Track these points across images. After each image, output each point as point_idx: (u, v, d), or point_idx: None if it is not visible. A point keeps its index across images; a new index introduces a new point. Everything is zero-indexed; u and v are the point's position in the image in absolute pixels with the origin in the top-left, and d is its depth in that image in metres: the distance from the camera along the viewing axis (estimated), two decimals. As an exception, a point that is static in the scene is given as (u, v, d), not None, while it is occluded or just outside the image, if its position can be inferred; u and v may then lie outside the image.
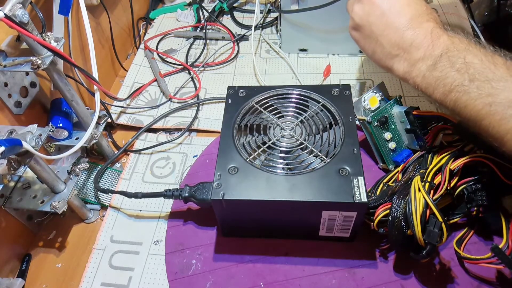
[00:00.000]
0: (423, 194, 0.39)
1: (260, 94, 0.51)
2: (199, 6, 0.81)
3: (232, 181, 0.42)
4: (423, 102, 0.62)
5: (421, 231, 0.38)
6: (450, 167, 0.41)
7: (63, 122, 0.51)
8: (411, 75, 0.40)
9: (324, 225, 0.44)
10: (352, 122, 0.46)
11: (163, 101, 0.67)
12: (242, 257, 0.47)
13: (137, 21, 0.81)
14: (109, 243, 0.51)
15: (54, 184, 0.46)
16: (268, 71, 0.70)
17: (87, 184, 0.57)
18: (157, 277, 0.47)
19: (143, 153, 0.60)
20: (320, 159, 0.44)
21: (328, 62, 0.71)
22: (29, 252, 0.52)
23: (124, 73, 0.72)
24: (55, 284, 0.49)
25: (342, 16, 0.64)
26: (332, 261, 0.46)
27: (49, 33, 0.42)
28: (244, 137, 0.47)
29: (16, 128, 0.42)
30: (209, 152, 0.59)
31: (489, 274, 0.43)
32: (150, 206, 0.54)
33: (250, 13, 0.82)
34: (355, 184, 0.40)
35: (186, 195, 0.47)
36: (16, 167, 0.40)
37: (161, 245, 0.50)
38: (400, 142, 0.51)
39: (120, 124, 0.64)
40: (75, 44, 0.59)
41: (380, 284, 0.44)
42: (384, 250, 0.46)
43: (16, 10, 0.38)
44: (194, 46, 0.77)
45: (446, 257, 0.45)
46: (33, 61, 0.42)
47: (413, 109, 0.47)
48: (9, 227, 0.49)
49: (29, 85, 0.50)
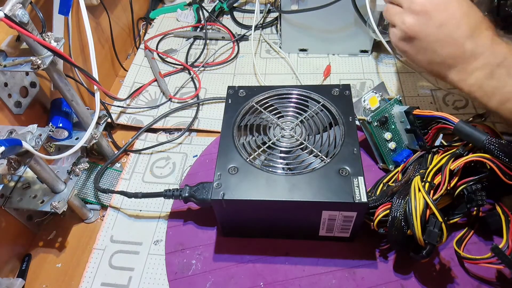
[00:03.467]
0: (423, 194, 0.39)
1: (260, 94, 0.51)
2: (199, 6, 0.81)
3: (232, 181, 0.42)
4: (423, 102, 0.62)
5: (421, 231, 0.38)
6: (450, 167, 0.41)
7: (63, 122, 0.51)
8: (466, 83, 0.40)
9: (324, 225, 0.44)
10: (352, 122, 0.46)
11: (163, 101, 0.67)
12: (242, 257, 0.47)
13: (137, 21, 0.81)
14: (109, 243, 0.51)
15: (54, 184, 0.46)
16: (268, 71, 0.70)
17: (87, 184, 0.57)
18: (157, 277, 0.47)
19: (143, 153, 0.60)
20: (320, 159, 0.44)
21: (328, 62, 0.71)
22: (29, 252, 0.52)
23: (124, 73, 0.72)
24: (55, 284, 0.49)
25: (342, 16, 0.64)
26: (332, 261, 0.46)
27: (49, 33, 0.42)
28: (244, 137, 0.47)
29: (16, 128, 0.42)
30: (209, 152, 0.59)
31: (489, 274, 0.43)
32: (150, 206, 0.54)
33: (250, 13, 0.82)
34: (355, 184, 0.40)
35: (186, 195, 0.47)
36: (16, 167, 0.40)
37: (161, 245, 0.50)
38: (400, 142, 0.51)
39: (120, 124, 0.64)
40: (75, 44, 0.59)
41: (380, 284, 0.44)
42: (384, 250, 0.46)
43: (16, 10, 0.38)
44: (194, 46, 0.77)
45: (446, 257, 0.45)
46: (33, 61, 0.42)
47: (413, 109, 0.47)
48: (9, 227, 0.49)
49: (29, 85, 0.50)
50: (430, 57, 0.42)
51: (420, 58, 0.43)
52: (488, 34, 0.39)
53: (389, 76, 0.67)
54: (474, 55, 0.39)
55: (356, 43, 0.69)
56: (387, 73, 0.68)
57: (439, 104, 0.61)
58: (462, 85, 0.41)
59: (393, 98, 0.51)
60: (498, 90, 0.37)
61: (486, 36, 0.39)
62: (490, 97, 0.38)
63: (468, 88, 0.40)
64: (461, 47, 0.39)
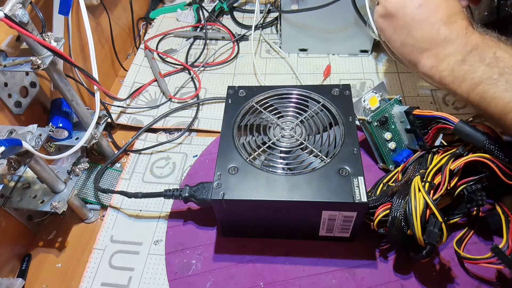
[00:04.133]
0: (423, 194, 0.39)
1: (260, 94, 0.51)
2: (199, 6, 0.81)
3: (232, 181, 0.42)
4: (423, 102, 0.62)
5: (421, 231, 0.38)
6: (450, 167, 0.41)
7: (63, 122, 0.51)
8: (438, 69, 0.40)
9: (324, 225, 0.44)
10: (352, 122, 0.46)
11: (163, 101, 0.67)
12: (242, 257, 0.47)
13: (137, 21, 0.81)
14: (109, 243, 0.51)
15: (54, 184, 0.46)
16: (268, 71, 0.70)
17: (87, 184, 0.57)
18: (157, 277, 0.47)
19: (143, 153, 0.60)
20: (320, 159, 0.44)
21: (328, 62, 0.71)
22: (29, 252, 0.52)
23: (124, 73, 0.72)
24: (55, 284, 0.49)
25: (342, 16, 0.64)
26: (332, 261, 0.46)
27: (49, 33, 0.42)
28: (244, 137, 0.47)
29: (16, 128, 0.42)
30: (209, 152, 0.59)
31: (489, 274, 0.43)
32: (150, 206, 0.54)
33: (250, 13, 0.82)
34: (355, 184, 0.40)
35: (186, 195, 0.47)
36: (16, 167, 0.40)
37: (161, 245, 0.50)
38: (400, 142, 0.51)
39: (120, 124, 0.64)
40: (75, 44, 0.59)
41: (380, 284, 0.44)
42: (384, 250, 0.46)
43: (16, 10, 0.38)
44: (194, 46, 0.77)
45: (446, 257, 0.45)
46: (33, 61, 0.42)
47: (413, 109, 0.47)
48: (9, 227, 0.49)
49: (29, 85, 0.50)
50: (404, 39, 0.42)
51: (395, 38, 0.44)
52: (463, 23, 0.39)
53: (389, 76, 0.67)
54: (447, 41, 0.39)
55: (356, 43, 0.69)
56: (387, 73, 0.68)
57: (439, 104, 0.62)
58: (434, 72, 0.41)
59: (393, 98, 0.51)
60: (469, 74, 0.37)
61: (461, 25, 0.39)
62: (461, 82, 0.38)
63: (439, 74, 0.40)
64: (435, 32, 0.40)
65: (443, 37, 0.40)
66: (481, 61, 0.37)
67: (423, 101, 0.62)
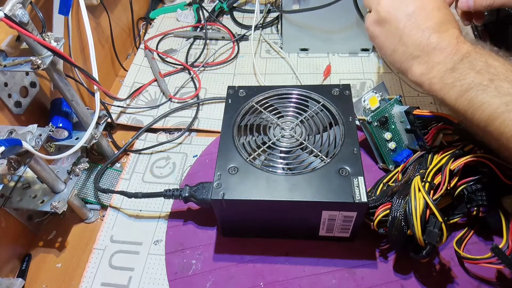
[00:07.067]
0: (423, 194, 0.39)
1: (260, 94, 0.51)
2: (199, 6, 0.81)
3: (232, 181, 0.42)
4: (423, 102, 0.62)
5: (421, 231, 0.38)
6: (450, 167, 0.41)
7: (63, 122, 0.51)
8: (427, 77, 0.40)
9: (324, 225, 0.44)
10: (352, 122, 0.46)
11: (163, 101, 0.67)
12: (242, 257, 0.47)
13: (137, 21, 0.81)
14: (109, 243, 0.51)
15: (54, 184, 0.46)
16: (268, 71, 0.70)
17: (87, 184, 0.57)
18: (157, 277, 0.47)
19: (143, 153, 0.60)
20: (320, 159, 0.44)
21: (328, 62, 0.70)
22: (29, 252, 0.52)
23: (124, 73, 0.72)
24: (55, 284, 0.49)
25: (343, 16, 0.64)
26: (332, 261, 0.46)
27: (49, 33, 0.42)
28: (244, 137, 0.47)
29: (16, 128, 0.42)
30: (209, 152, 0.59)
31: (489, 274, 0.43)
32: (150, 206, 0.54)
33: (250, 13, 0.82)
34: (355, 184, 0.40)
35: (186, 195, 0.47)
36: (16, 167, 0.40)
37: (161, 245, 0.50)
38: (400, 142, 0.51)
39: (120, 124, 0.64)
40: (75, 44, 0.59)
41: (380, 284, 0.44)
42: (384, 250, 0.46)
43: (16, 10, 0.38)
44: (194, 46, 0.77)
45: (446, 257, 0.45)
46: (33, 61, 0.42)
47: (413, 109, 0.47)
48: (9, 227, 0.49)
49: (29, 85, 0.50)
50: (396, 45, 0.42)
51: (387, 45, 0.44)
52: (454, 32, 0.39)
53: (389, 76, 0.67)
54: (438, 49, 0.39)
55: (357, 42, 0.69)
56: (387, 73, 0.68)
57: (439, 104, 0.61)
58: (423, 79, 0.40)
59: (393, 98, 0.51)
60: (459, 81, 0.37)
61: (452, 34, 0.39)
62: (450, 89, 0.38)
63: (429, 81, 0.40)
64: (426, 39, 0.40)
65: (434, 45, 0.39)
66: (471, 68, 0.36)
67: (423, 101, 0.62)
